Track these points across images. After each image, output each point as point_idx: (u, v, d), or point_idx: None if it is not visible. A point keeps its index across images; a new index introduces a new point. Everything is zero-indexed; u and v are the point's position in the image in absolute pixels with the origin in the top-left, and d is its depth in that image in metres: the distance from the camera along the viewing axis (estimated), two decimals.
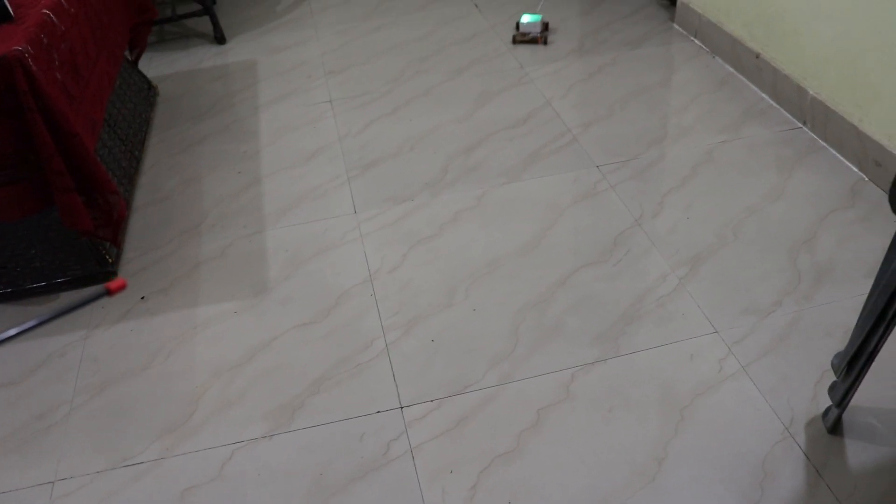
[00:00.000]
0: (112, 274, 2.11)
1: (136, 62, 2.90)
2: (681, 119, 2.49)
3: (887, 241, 1.92)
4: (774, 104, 2.51)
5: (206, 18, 3.37)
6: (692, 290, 1.86)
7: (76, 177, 1.88)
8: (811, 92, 2.32)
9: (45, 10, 1.91)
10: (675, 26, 3.08)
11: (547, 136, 2.46)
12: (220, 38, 3.34)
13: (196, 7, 3.37)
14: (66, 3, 2.04)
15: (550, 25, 3.17)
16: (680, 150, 2.34)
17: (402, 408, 1.65)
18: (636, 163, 2.31)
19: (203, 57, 3.25)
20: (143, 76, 2.95)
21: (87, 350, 1.89)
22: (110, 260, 2.11)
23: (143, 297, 2.02)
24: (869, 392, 1.58)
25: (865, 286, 1.82)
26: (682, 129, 2.44)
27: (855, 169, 2.19)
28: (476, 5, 3.43)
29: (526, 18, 3.07)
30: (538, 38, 3.03)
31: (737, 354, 1.69)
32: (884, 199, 2.07)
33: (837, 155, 2.25)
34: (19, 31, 1.80)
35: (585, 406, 1.61)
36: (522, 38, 3.05)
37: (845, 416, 1.54)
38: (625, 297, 1.87)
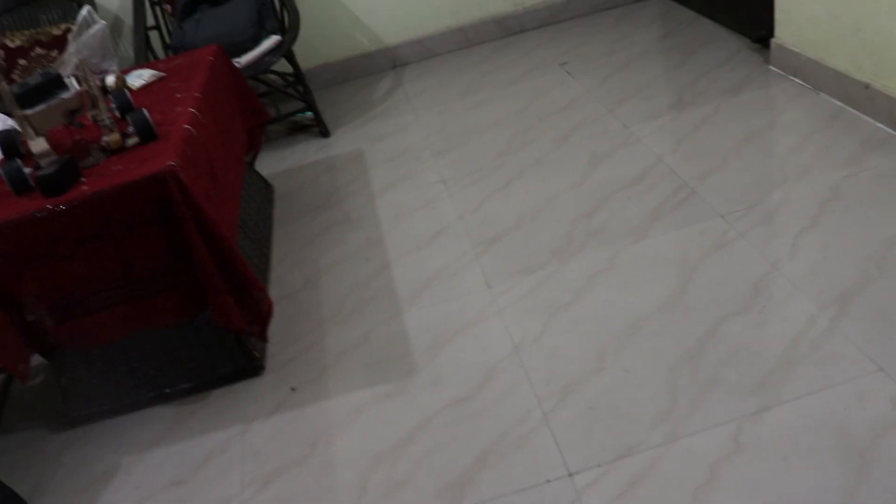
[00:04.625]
0: (260, 368, 2.19)
1: (252, 163, 3.06)
2: (798, 159, 2.47)
3: None
4: (893, 132, 2.46)
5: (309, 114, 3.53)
6: (846, 329, 1.82)
7: (228, 278, 1.98)
8: None
9: (185, 125, 2.06)
10: (772, 68, 3.07)
11: (665, 192, 2.47)
12: (324, 132, 3.49)
13: (299, 104, 3.54)
14: (201, 115, 2.19)
15: (642, 83, 3.21)
16: (804, 190, 2.32)
17: (570, 475, 1.65)
18: (761, 208, 2.29)
19: (309, 151, 3.40)
20: (260, 175, 3.10)
21: (247, 444, 1.96)
22: (258, 355, 2.20)
23: (293, 389, 2.09)
24: None
25: None
26: (802, 169, 2.42)
27: None
28: (568, 72, 3.50)
29: None
30: None
31: None
32: None
33: None
34: (168, 147, 1.94)
35: (758, 457, 1.58)
36: None
37: None
38: (776, 343, 1.84)
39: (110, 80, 2.37)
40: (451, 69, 3.89)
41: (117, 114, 2.15)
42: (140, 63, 3.17)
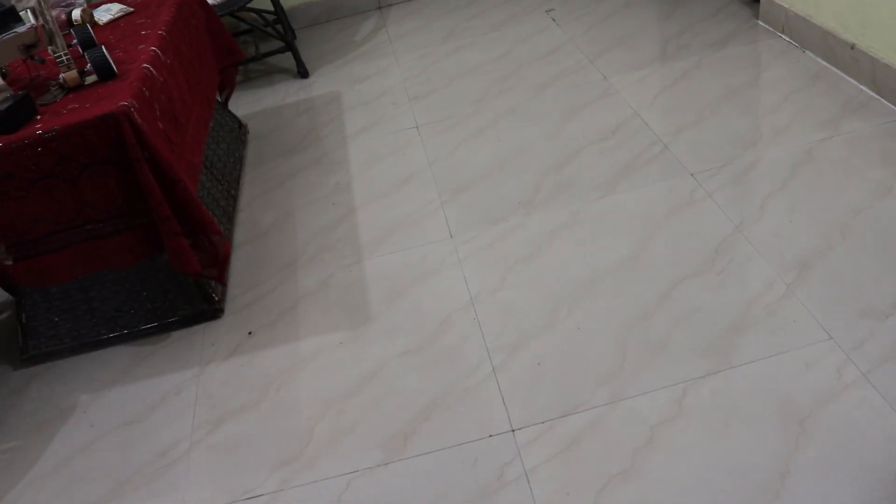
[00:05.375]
0: (219, 311, 2.18)
1: (226, 103, 3.02)
2: (775, 119, 2.43)
3: None
4: (875, 95, 2.42)
5: (289, 54, 3.46)
6: (802, 295, 1.81)
7: (182, 221, 1.96)
8: None
9: (145, 65, 2.01)
10: (760, 23, 3.01)
11: (637, 147, 2.44)
12: (303, 73, 3.43)
13: (278, 44, 3.47)
14: (163, 55, 2.14)
15: (627, 33, 3.15)
16: (777, 151, 2.28)
17: (513, 431, 1.65)
18: (732, 167, 2.26)
19: (288, 92, 3.35)
20: (234, 116, 3.05)
21: (201, 387, 1.97)
22: (216, 298, 2.19)
23: (250, 333, 2.09)
24: None
25: None
26: (778, 129, 2.38)
27: None
28: (553, 19, 3.43)
29: None
30: None
31: (856, 361, 1.63)
32: None
33: None
34: (124, 87, 1.90)
35: (700, 421, 1.59)
36: None
37: None
38: (731, 306, 1.83)
39: (76, 13, 2.30)
40: (436, 11, 3.81)
41: (79, 49, 2.10)
42: None
